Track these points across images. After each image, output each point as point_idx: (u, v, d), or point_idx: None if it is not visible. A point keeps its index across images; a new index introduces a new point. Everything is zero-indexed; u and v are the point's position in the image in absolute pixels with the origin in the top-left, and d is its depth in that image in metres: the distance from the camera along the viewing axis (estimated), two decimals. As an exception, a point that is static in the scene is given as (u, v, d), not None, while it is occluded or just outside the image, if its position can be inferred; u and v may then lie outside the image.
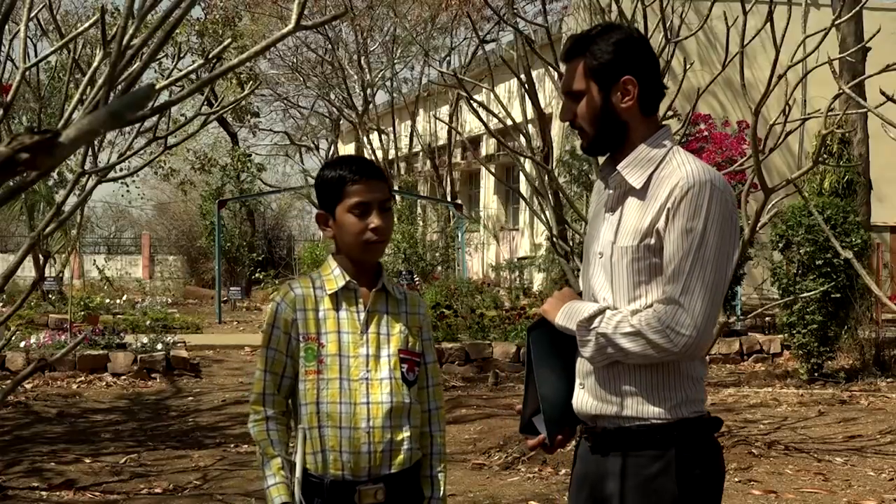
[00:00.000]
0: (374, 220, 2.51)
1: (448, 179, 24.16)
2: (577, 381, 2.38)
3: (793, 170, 18.14)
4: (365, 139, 24.71)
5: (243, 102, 23.95)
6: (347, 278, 2.55)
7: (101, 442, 7.31)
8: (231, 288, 20.40)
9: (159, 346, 10.67)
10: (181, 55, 5.36)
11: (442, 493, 2.63)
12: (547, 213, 7.33)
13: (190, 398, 9.35)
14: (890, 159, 15.34)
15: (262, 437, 2.51)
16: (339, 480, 2.47)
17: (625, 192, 2.35)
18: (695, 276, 2.21)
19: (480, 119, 7.18)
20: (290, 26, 1.88)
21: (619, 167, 2.34)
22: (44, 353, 9.46)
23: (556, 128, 20.05)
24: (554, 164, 18.05)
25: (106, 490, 5.89)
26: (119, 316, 14.69)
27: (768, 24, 5.64)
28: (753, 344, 11.84)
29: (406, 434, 2.53)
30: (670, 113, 7.18)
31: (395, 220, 22.02)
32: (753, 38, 6.13)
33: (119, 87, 2.64)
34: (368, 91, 24.29)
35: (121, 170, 13.02)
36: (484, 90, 9.04)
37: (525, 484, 6.00)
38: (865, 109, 5.56)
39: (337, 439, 2.48)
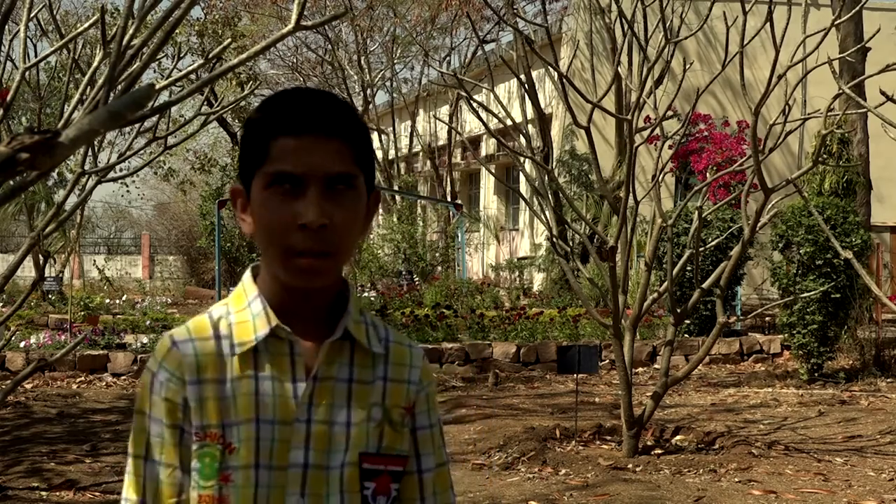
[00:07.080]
0: (305, 209, 1.37)
1: (448, 179, 24.18)
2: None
3: (793, 170, 18.16)
4: (365, 139, 24.71)
5: (243, 102, 23.95)
6: (275, 320, 1.44)
7: (101, 442, 7.31)
8: (231, 288, 20.35)
9: (159, 347, 10.67)
10: (181, 55, 5.35)
11: None
12: (547, 213, 7.33)
13: (190, 398, 9.35)
14: (890, 159, 15.36)
15: None
16: None
17: None
18: None
19: (480, 119, 7.18)
20: (290, 26, 1.88)
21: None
22: (44, 353, 9.46)
23: (556, 128, 20.07)
24: (554, 164, 18.06)
25: (106, 490, 5.89)
26: (119, 316, 14.69)
27: (768, 24, 5.64)
28: (753, 344, 11.85)
29: None
30: (670, 113, 7.17)
31: (395, 219, 21.63)
32: (753, 38, 6.13)
33: (119, 87, 2.64)
34: (368, 91, 24.30)
35: (121, 170, 13.04)
36: (484, 90, 9.04)
37: (525, 484, 5.99)
38: (865, 109, 5.56)
39: None
